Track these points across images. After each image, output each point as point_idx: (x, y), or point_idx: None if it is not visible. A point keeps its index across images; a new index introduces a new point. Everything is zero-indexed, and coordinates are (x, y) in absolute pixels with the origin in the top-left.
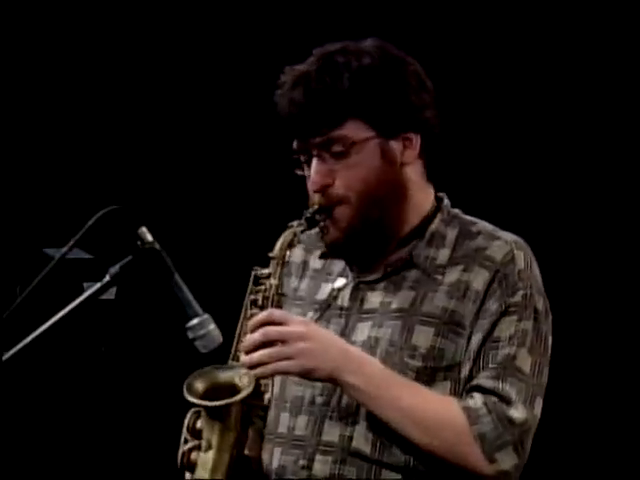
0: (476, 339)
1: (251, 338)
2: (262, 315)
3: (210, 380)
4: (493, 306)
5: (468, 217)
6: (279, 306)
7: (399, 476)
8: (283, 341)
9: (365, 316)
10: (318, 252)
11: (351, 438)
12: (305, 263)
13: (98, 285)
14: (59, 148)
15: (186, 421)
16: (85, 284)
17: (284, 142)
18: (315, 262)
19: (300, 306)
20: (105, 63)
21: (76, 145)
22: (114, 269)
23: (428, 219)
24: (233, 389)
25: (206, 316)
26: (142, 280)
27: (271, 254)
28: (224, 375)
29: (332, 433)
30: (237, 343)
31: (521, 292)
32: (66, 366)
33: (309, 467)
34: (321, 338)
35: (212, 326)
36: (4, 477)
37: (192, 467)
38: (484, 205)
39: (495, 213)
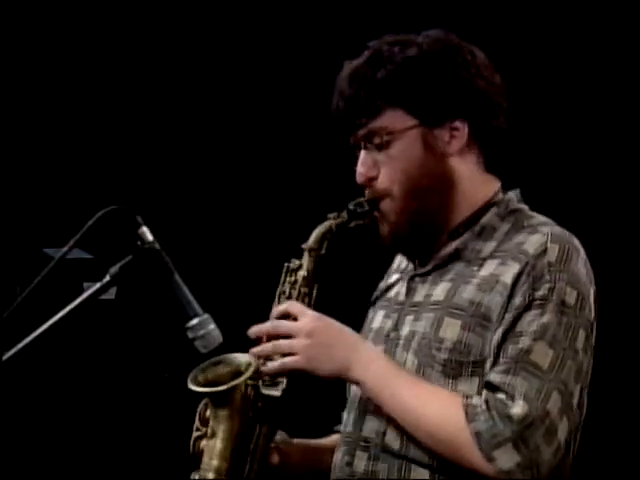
0: (498, 334)
1: (263, 326)
2: (281, 307)
3: (216, 370)
4: (518, 300)
5: (531, 213)
6: (308, 298)
7: (427, 474)
8: (291, 336)
9: (411, 309)
10: None
11: (384, 433)
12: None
13: (98, 285)
14: (59, 148)
15: (198, 409)
16: (85, 284)
17: (282, 142)
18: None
19: (380, 306)
20: (105, 64)
21: (76, 145)
22: (114, 269)
23: (480, 212)
24: (237, 376)
25: (206, 316)
26: (142, 280)
27: (304, 245)
28: (231, 364)
29: (370, 429)
30: None
31: (547, 285)
32: (66, 366)
33: (351, 463)
34: (329, 334)
35: (212, 326)
36: (4, 477)
37: (201, 455)
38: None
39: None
